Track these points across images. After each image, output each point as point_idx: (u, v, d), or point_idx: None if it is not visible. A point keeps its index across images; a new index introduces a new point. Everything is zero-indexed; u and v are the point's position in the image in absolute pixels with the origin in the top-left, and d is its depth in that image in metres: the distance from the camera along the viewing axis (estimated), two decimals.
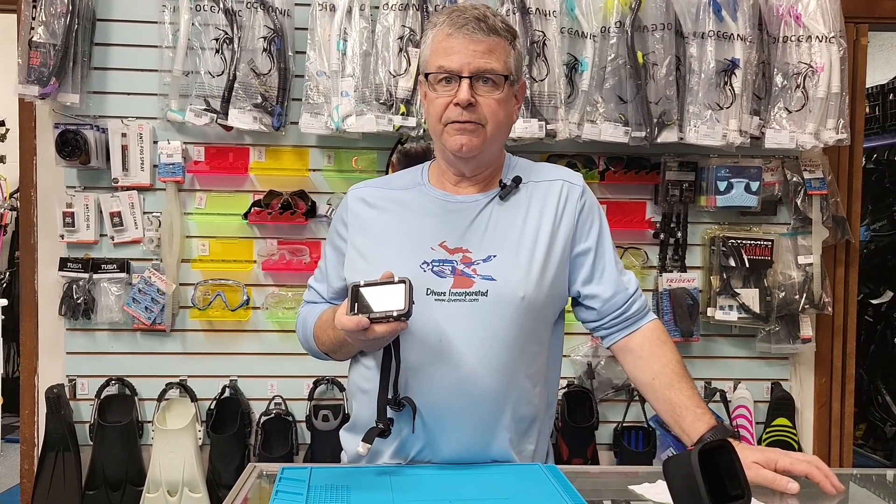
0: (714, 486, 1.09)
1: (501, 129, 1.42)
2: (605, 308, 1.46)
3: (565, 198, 1.45)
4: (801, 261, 2.62)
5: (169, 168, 2.52)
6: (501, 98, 1.38)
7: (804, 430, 2.75)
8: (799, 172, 2.62)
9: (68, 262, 2.54)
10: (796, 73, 2.47)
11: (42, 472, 2.51)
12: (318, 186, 2.60)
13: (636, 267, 2.62)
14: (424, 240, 1.41)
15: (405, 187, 1.50)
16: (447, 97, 1.36)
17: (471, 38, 1.35)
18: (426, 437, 1.38)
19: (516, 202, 1.44)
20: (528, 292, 1.38)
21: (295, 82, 2.50)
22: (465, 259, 1.40)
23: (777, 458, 1.26)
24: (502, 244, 1.40)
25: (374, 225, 1.46)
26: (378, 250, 1.43)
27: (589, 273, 1.46)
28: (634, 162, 2.62)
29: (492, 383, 1.37)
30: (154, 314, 2.53)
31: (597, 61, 2.46)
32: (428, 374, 1.36)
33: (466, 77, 1.35)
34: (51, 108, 2.52)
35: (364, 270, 1.42)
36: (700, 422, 1.34)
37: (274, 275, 2.60)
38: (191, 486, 2.49)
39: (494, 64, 1.36)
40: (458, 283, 1.38)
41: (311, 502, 1.17)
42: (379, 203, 1.48)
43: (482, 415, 1.38)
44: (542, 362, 1.45)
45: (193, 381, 2.59)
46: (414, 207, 1.46)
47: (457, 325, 1.36)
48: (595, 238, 1.46)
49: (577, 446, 2.57)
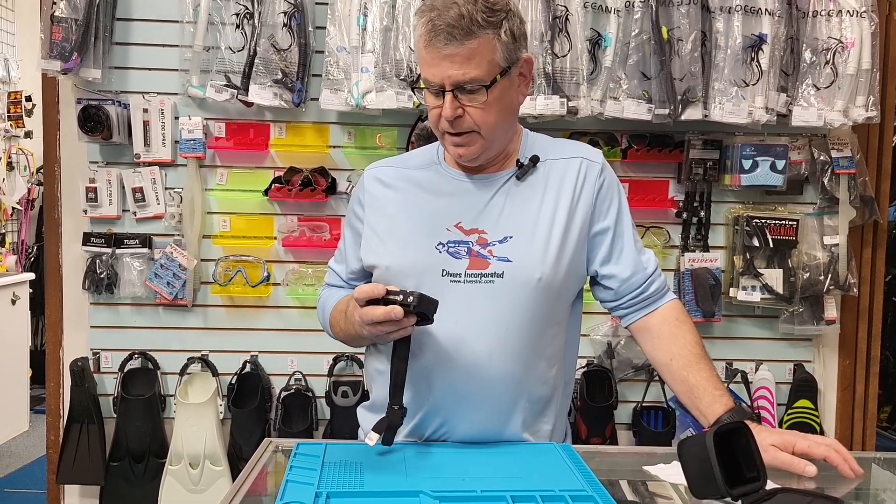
0: (729, 468, 1.08)
1: (499, 126, 1.37)
2: (623, 288, 1.45)
3: (584, 176, 1.43)
4: (826, 241, 2.58)
5: (190, 144, 2.53)
6: (491, 100, 1.31)
7: (826, 413, 2.72)
8: (826, 151, 2.57)
9: (91, 237, 2.57)
10: (826, 48, 2.41)
11: (67, 443, 2.56)
12: (339, 163, 2.60)
13: (658, 246, 2.60)
14: (440, 220, 1.40)
15: (421, 166, 1.48)
16: (439, 108, 1.33)
17: (446, 51, 1.27)
18: (442, 418, 1.38)
19: (533, 181, 1.42)
20: (545, 274, 1.36)
21: (315, 58, 2.49)
22: (480, 240, 1.38)
23: (795, 441, 1.24)
24: (519, 225, 1.39)
25: (390, 205, 1.45)
26: (394, 231, 1.42)
27: (607, 253, 1.44)
28: (657, 140, 2.58)
29: (508, 365, 1.36)
30: (176, 289, 2.55)
31: (620, 37, 2.41)
32: (444, 355, 1.36)
33: (449, 91, 1.30)
34: (73, 84, 2.53)
35: (380, 251, 1.42)
36: (717, 403, 1.33)
37: (294, 251, 2.61)
38: (212, 459, 2.53)
39: (474, 72, 1.28)
40: (474, 264, 1.37)
41: (325, 478, 1.17)
42: (394, 183, 1.47)
43: (498, 396, 1.37)
44: (560, 343, 1.45)
45: (215, 356, 2.62)
46: (429, 187, 1.44)
47: (472, 307, 1.36)
48: (614, 217, 1.44)
49: (595, 425, 2.57)
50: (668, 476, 1.27)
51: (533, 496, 1.11)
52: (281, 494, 1.09)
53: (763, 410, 2.60)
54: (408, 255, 1.39)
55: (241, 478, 1.26)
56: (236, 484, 1.23)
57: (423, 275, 1.37)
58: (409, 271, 1.38)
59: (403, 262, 1.39)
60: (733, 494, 1.07)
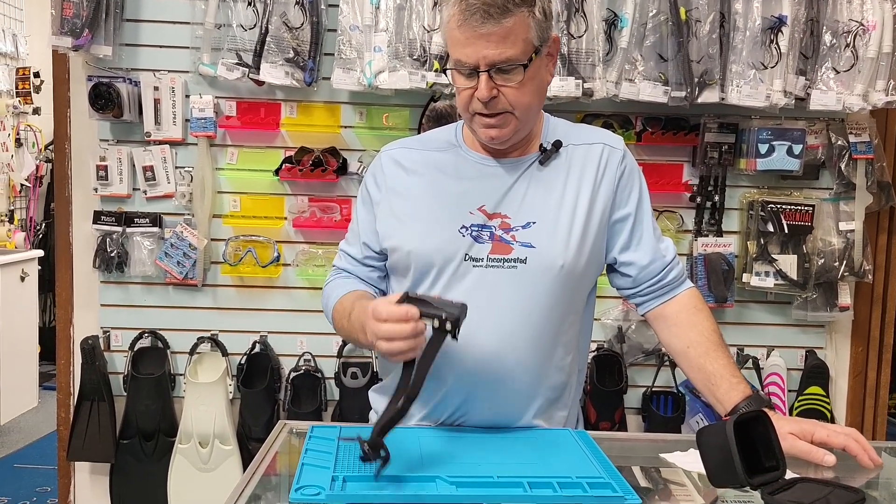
0: (748, 456, 1.07)
1: (532, 107, 1.35)
2: (642, 276, 1.43)
3: (605, 162, 1.41)
4: (842, 227, 2.55)
5: (201, 123, 2.51)
6: (525, 79, 1.30)
7: (838, 399, 2.71)
8: (844, 135, 2.54)
9: (102, 215, 2.56)
10: (846, 31, 2.37)
11: (78, 420, 2.57)
12: (350, 143, 2.58)
13: (671, 231, 2.58)
14: (463, 204, 1.38)
15: (440, 149, 1.46)
16: (471, 89, 1.31)
17: (482, 30, 1.25)
18: (458, 402, 1.37)
19: (556, 167, 1.40)
20: (568, 261, 1.35)
21: (327, 36, 2.46)
22: (503, 225, 1.37)
23: (814, 430, 1.23)
24: (542, 211, 1.37)
25: (411, 188, 1.42)
26: (415, 214, 1.40)
27: (627, 240, 1.42)
28: (673, 123, 2.55)
29: (527, 352, 1.35)
30: (186, 269, 2.55)
31: (637, 17, 2.38)
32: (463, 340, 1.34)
33: (484, 71, 1.27)
34: (84, 61, 2.51)
35: (400, 234, 1.40)
36: (735, 391, 1.32)
37: (304, 232, 2.60)
38: (221, 438, 2.54)
39: (510, 51, 1.26)
40: (497, 248, 1.35)
41: (340, 460, 1.17)
42: (414, 166, 1.44)
43: (515, 383, 1.36)
44: (576, 331, 1.44)
45: (224, 335, 2.62)
46: (451, 170, 1.42)
47: (494, 292, 1.34)
48: (635, 204, 1.42)
49: (605, 410, 2.56)
50: (685, 464, 1.26)
51: (550, 483, 1.10)
52: (297, 478, 1.09)
53: (774, 397, 2.59)
54: (430, 238, 1.37)
55: (256, 461, 1.25)
56: (251, 467, 1.23)
57: (445, 259, 1.36)
58: (432, 255, 1.36)
59: (426, 246, 1.37)
60: (752, 483, 1.06)
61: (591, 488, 1.09)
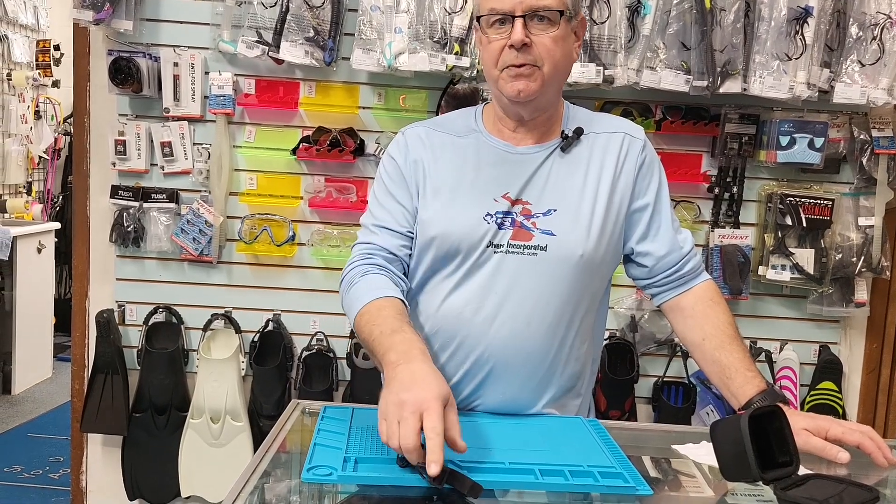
0: (762, 451, 1.07)
1: (559, 69, 1.35)
2: (658, 266, 1.42)
3: (626, 151, 1.40)
4: (861, 222, 2.53)
5: (219, 100, 2.51)
6: (558, 35, 1.31)
7: (850, 396, 2.70)
8: (867, 130, 2.50)
9: (119, 189, 2.57)
10: (873, 23, 2.33)
11: (91, 392, 2.60)
12: (368, 124, 2.57)
13: (688, 221, 2.56)
14: (488, 191, 1.37)
15: (461, 133, 1.44)
16: (501, 40, 1.31)
17: None
18: (473, 387, 1.38)
19: (577, 154, 1.39)
20: (588, 250, 1.34)
21: (348, 16, 2.45)
22: (524, 211, 1.36)
23: (829, 427, 1.22)
24: (563, 198, 1.36)
25: (436, 170, 1.40)
26: (441, 199, 1.38)
27: (644, 230, 1.42)
28: (693, 112, 2.53)
29: (544, 340, 1.35)
30: (201, 245, 2.56)
31: (661, 5, 2.35)
32: (481, 325, 1.35)
33: (520, 16, 1.28)
34: (104, 35, 2.51)
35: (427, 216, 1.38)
36: (749, 385, 1.31)
37: (320, 212, 2.60)
38: (233, 414, 2.56)
39: (548, 0, 1.29)
40: (517, 235, 1.35)
41: (352, 442, 1.18)
42: (437, 149, 1.42)
43: (531, 370, 1.36)
44: (591, 320, 1.43)
45: (238, 313, 2.63)
46: (474, 156, 1.41)
47: (513, 279, 1.34)
48: (654, 194, 1.41)
49: (615, 398, 2.56)
50: (697, 456, 1.26)
51: (561, 471, 1.10)
52: (309, 458, 1.10)
53: (786, 391, 2.58)
54: (456, 224, 1.36)
55: (269, 439, 1.26)
56: (264, 445, 1.24)
57: (471, 246, 1.35)
58: (458, 242, 1.35)
59: (451, 231, 1.35)
60: (766, 478, 1.06)
61: (603, 477, 1.09)
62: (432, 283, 1.40)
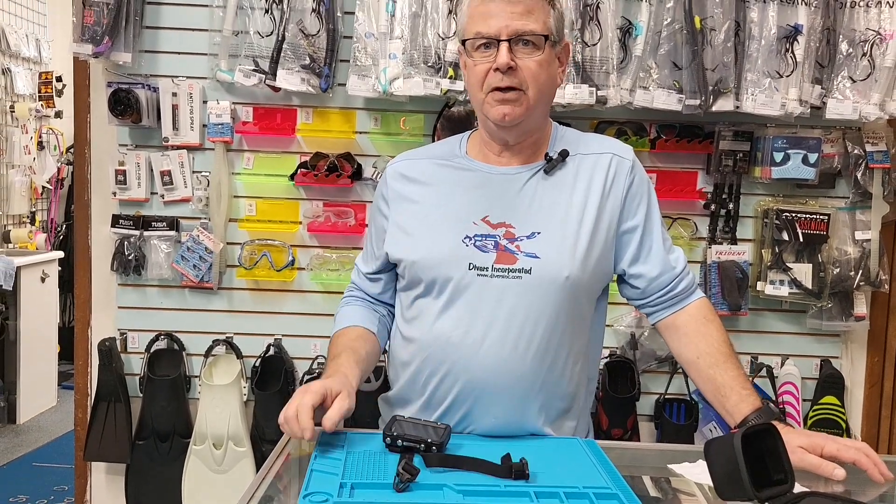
0: (756, 469, 1.07)
1: (544, 93, 1.37)
2: (651, 287, 1.43)
3: (614, 172, 1.41)
4: (858, 236, 2.54)
5: (218, 128, 2.54)
6: (543, 59, 1.34)
7: (853, 410, 2.69)
8: (861, 144, 2.52)
9: (120, 218, 2.59)
10: (863, 40, 2.35)
11: (94, 421, 2.60)
12: (365, 149, 2.60)
13: (685, 238, 2.57)
14: (467, 214, 1.39)
15: (444, 159, 1.47)
16: (487, 63, 1.33)
17: (507, 0, 1.31)
18: (464, 411, 1.38)
19: (562, 176, 1.41)
20: (573, 272, 1.35)
21: (343, 43, 2.48)
22: (507, 234, 1.37)
23: (824, 444, 1.23)
24: (547, 220, 1.38)
25: (415, 199, 1.44)
26: (420, 225, 1.42)
27: (635, 252, 1.43)
28: (687, 130, 2.55)
29: (533, 361, 1.36)
30: (202, 272, 2.58)
31: (652, 25, 2.38)
32: (469, 349, 1.35)
33: (505, 40, 1.31)
34: (104, 67, 2.55)
35: (407, 245, 1.42)
36: (744, 403, 1.32)
37: (319, 236, 2.62)
38: (235, 440, 2.56)
39: (533, 24, 1.32)
40: (501, 258, 1.36)
41: (349, 467, 1.18)
42: (418, 177, 1.46)
43: (522, 392, 1.37)
44: (585, 340, 1.44)
45: (239, 338, 2.65)
46: (454, 181, 1.43)
47: (498, 302, 1.35)
48: (643, 215, 1.42)
49: (617, 417, 2.56)
50: (694, 475, 1.26)
51: (556, 493, 1.11)
52: (306, 485, 1.10)
53: (788, 406, 2.57)
54: (435, 248, 1.39)
55: (269, 463, 1.27)
56: (264, 469, 1.25)
57: (450, 269, 1.37)
58: (437, 266, 1.38)
59: (431, 255, 1.39)
60: (760, 497, 1.06)
61: (598, 499, 1.10)
62: (420, 309, 1.42)
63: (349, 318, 1.52)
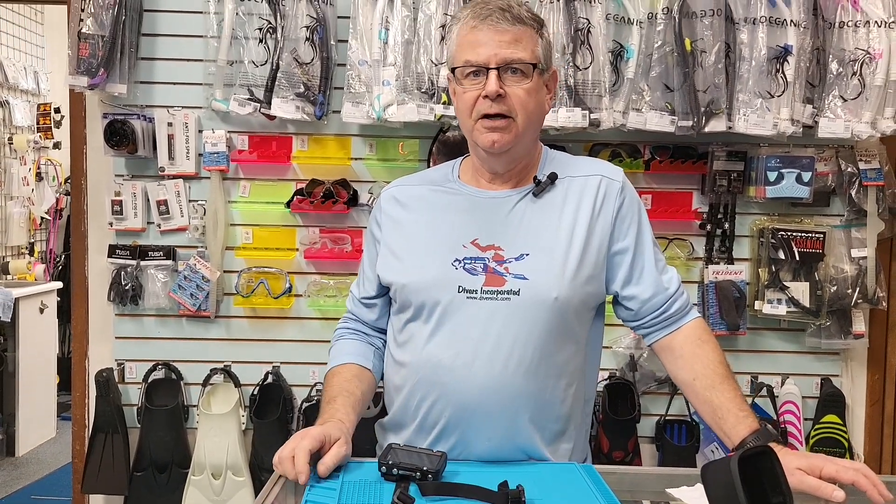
0: (755, 492, 1.06)
1: (533, 120, 1.39)
2: (644, 309, 1.43)
3: (603, 194, 1.42)
4: (854, 254, 2.54)
5: (213, 157, 2.55)
6: (531, 87, 1.35)
7: (855, 428, 2.68)
8: (854, 162, 2.53)
9: (117, 249, 2.60)
10: (853, 59, 2.37)
11: (92, 452, 2.59)
12: (360, 175, 2.61)
13: (681, 259, 2.57)
14: (456, 237, 1.40)
15: (436, 184, 1.49)
16: (476, 91, 1.35)
17: (496, 29, 1.33)
18: (457, 436, 1.37)
19: (551, 199, 1.42)
20: (562, 293, 1.35)
21: (337, 71, 2.50)
22: (496, 257, 1.38)
23: (822, 465, 1.22)
24: (536, 242, 1.38)
25: (407, 224, 1.46)
26: (411, 249, 1.43)
27: (627, 274, 1.43)
28: (681, 151, 2.56)
29: (524, 384, 1.35)
30: (199, 301, 2.57)
31: (643, 48, 2.40)
32: (460, 372, 1.35)
33: (494, 68, 1.33)
34: (99, 98, 2.57)
35: (397, 269, 1.43)
36: (742, 425, 1.31)
37: (316, 263, 2.62)
38: (234, 469, 2.54)
39: (521, 53, 1.34)
40: (490, 281, 1.36)
41: (344, 496, 1.17)
42: (410, 202, 1.47)
43: (515, 415, 1.36)
44: (579, 361, 1.43)
45: (237, 366, 2.64)
46: (444, 205, 1.45)
47: (489, 324, 1.35)
48: (633, 236, 1.43)
49: (618, 439, 2.54)
50: (691, 499, 1.25)
51: None
52: None
53: (790, 425, 2.56)
54: (425, 272, 1.39)
55: (264, 493, 1.26)
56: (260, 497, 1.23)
57: (439, 292, 1.37)
58: (426, 289, 1.38)
59: (420, 279, 1.39)
60: None
61: None
62: (411, 333, 1.42)
63: (344, 354, 1.52)
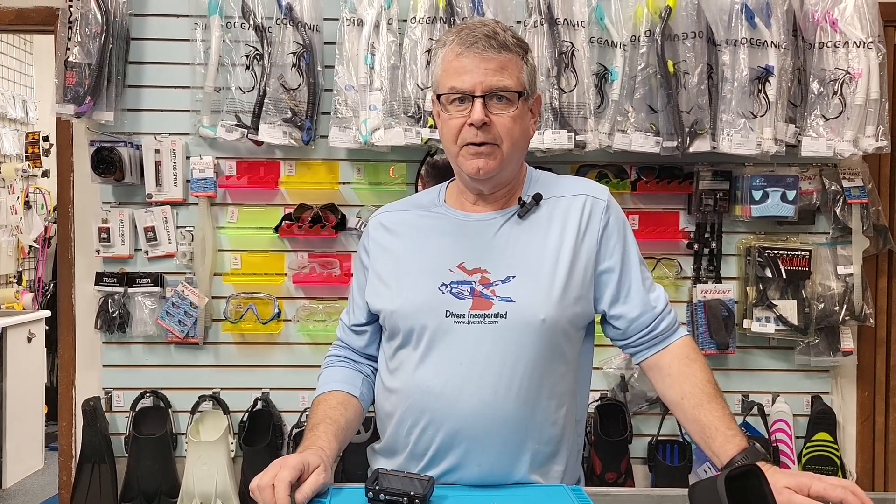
0: None
1: (518, 146, 1.39)
2: (632, 328, 1.43)
3: (588, 213, 1.42)
4: (840, 271, 2.55)
5: (201, 183, 2.55)
6: (516, 114, 1.35)
7: (846, 445, 2.67)
8: (838, 181, 2.56)
9: (104, 276, 2.59)
10: (833, 79, 2.41)
11: (79, 483, 2.56)
12: (348, 199, 2.61)
13: (669, 278, 2.58)
14: (442, 261, 1.40)
15: (423, 209, 1.49)
16: (461, 118, 1.35)
17: (481, 56, 1.32)
18: (448, 461, 1.36)
19: (536, 220, 1.42)
20: (549, 314, 1.35)
21: (324, 96, 2.52)
22: (483, 280, 1.38)
23: (810, 483, 1.21)
24: (522, 264, 1.38)
25: (394, 249, 1.45)
26: (398, 275, 1.42)
27: (614, 293, 1.43)
28: (667, 171, 2.58)
29: (514, 406, 1.35)
30: (187, 327, 2.56)
31: (627, 71, 2.43)
32: (449, 397, 1.34)
33: (479, 96, 1.33)
34: (86, 126, 2.57)
35: (385, 295, 1.42)
36: (730, 444, 1.30)
37: (305, 287, 2.62)
38: (223, 497, 2.51)
39: (507, 81, 1.33)
40: (477, 304, 1.36)
41: None
42: (397, 227, 1.47)
43: (505, 438, 1.35)
44: (569, 382, 1.42)
45: (226, 393, 2.62)
46: (431, 229, 1.45)
47: (477, 348, 1.34)
48: (620, 255, 1.43)
49: (610, 460, 2.53)
50: None
51: None
52: None
53: (781, 444, 2.56)
54: (412, 297, 1.39)
55: None
56: None
57: (427, 317, 1.37)
58: (414, 315, 1.38)
59: (408, 305, 1.39)
60: None
61: None
62: (401, 360, 1.41)
63: (331, 381, 1.49)
